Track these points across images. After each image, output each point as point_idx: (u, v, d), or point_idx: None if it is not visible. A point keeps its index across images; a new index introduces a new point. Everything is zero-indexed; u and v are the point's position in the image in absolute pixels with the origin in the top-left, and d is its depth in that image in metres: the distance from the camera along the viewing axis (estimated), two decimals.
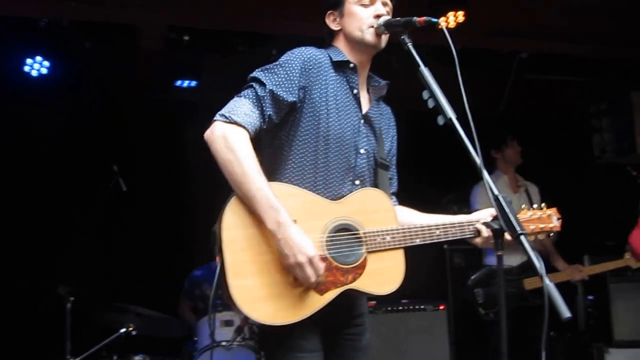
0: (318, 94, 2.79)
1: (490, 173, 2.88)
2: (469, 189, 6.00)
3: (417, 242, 2.81)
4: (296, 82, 2.74)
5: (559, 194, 7.62)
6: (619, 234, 5.54)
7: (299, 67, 2.76)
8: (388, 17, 2.87)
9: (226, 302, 2.60)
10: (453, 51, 2.50)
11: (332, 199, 2.77)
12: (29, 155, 6.65)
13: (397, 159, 3.18)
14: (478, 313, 5.82)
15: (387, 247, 2.77)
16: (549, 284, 2.21)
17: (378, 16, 2.87)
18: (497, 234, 2.42)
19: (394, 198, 3.14)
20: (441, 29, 2.59)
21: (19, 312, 6.31)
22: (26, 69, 6.40)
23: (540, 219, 3.00)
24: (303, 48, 2.85)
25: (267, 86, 2.70)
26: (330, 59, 2.90)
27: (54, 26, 6.09)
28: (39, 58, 6.38)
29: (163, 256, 6.69)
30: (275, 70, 2.75)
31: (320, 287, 2.64)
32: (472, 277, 5.94)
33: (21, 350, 6.25)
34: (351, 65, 2.90)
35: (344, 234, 2.72)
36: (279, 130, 2.81)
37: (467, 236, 2.92)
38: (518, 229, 2.34)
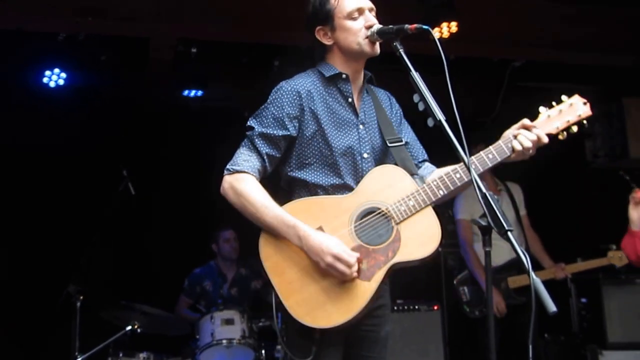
0: (309, 118, 2.83)
1: None
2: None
3: (441, 193, 2.73)
4: (285, 116, 2.80)
5: (551, 199, 7.47)
6: (612, 237, 5.27)
7: (285, 102, 2.82)
8: (380, 26, 2.82)
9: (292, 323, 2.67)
10: (443, 57, 2.44)
11: (344, 194, 2.79)
12: (44, 160, 6.58)
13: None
14: (463, 311, 5.62)
15: (414, 212, 2.71)
16: (535, 278, 2.18)
17: (369, 26, 2.83)
18: (485, 230, 2.37)
19: (427, 163, 3.05)
20: (433, 38, 2.52)
21: (31, 309, 6.23)
22: (45, 80, 6.35)
23: (562, 112, 2.79)
24: (286, 82, 2.89)
25: (256, 129, 2.81)
26: (322, 75, 2.92)
27: (71, 40, 6.05)
28: (56, 70, 6.34)
29: (168, 257, 6.54)
30: (264, 112, 2.84)
31: (366, 274, 2.64)
32: (458, 277, 5.73)
33: (32, 346, 6.19)
34: (343, 76, 2.91)
35: (370, 217, 2.71)
36: (288, 159, 2.87)
37: (495, 162, 2.77)
38: (505, 225, 2.27)
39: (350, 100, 2.91)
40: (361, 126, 2.90)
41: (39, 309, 6.08)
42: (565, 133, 2.82)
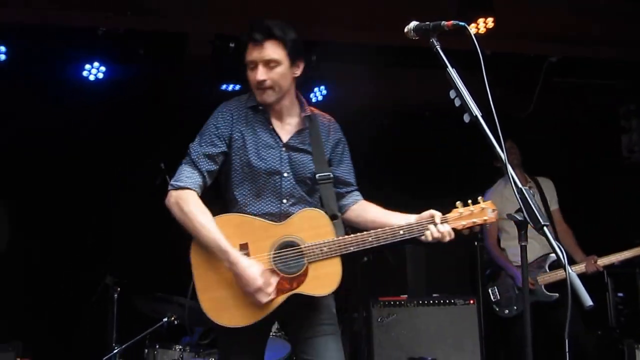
0: (237, 137, 3.16)
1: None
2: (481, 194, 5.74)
3: (352, 249, 3.08)
4: (219, 135, 3.15)
5: (588, 194, 7.37)
6: None
7: (219, 123, 3.17)
8: (417, 23, 2.76)
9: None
10: (479, 53, 2.45)
11: (275, 221, 3.12)
12: (84, 153, 6.63)
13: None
14: (493, 311, 5.60)
15: (325, 257, 3.07)
16: (572, 273, 2.20)
17: (259, 82, 3.09)
18: (521, 225, 2.39)
19: (356, 193, 3.39)
20: (470, 35, 2.50)
21: (68, 301, 6.29)
22: (84, 73, 6.41)
23: (472, 214, 3.08)
24: (224, 104, 3.23)
25: (197, 149, 3.15)
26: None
27: (111, 35, 6.11)
28: (96, 64, 6.39)
29: None
30: (204, 132, 3.18)
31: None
32: (486, 274, 5.75)
33: (70, 337, 6.25)
34: (260, 107, 3.20)
35: (289, 249, 3.07)
36: (220, 172, 3.22)
37: (403, 238, 3.10)
38: (541, 220, 2.29)
39: (270, 126, 3.20)
40: (284, 149, 3.19)
41: (76, 300, 6.11)
42: (468, 230, 3.10)
